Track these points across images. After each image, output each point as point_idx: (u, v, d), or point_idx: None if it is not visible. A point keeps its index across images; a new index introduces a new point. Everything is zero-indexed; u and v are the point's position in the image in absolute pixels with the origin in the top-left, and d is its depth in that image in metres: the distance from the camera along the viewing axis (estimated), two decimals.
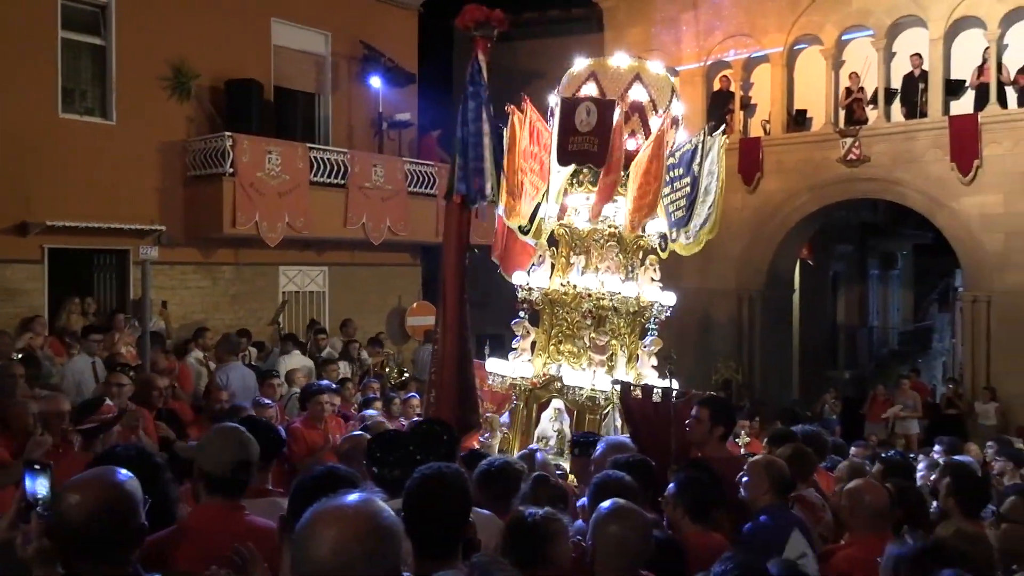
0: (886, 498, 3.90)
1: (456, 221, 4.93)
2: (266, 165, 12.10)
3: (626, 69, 6.22)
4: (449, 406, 4.58)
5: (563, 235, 6.26)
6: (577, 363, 5.97)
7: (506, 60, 20.47)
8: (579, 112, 5.66)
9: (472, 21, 4.85)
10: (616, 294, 5.90)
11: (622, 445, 4.60)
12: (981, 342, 14.46)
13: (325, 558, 1.67)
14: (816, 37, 15.91)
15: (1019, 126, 14.03)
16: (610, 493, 3.25)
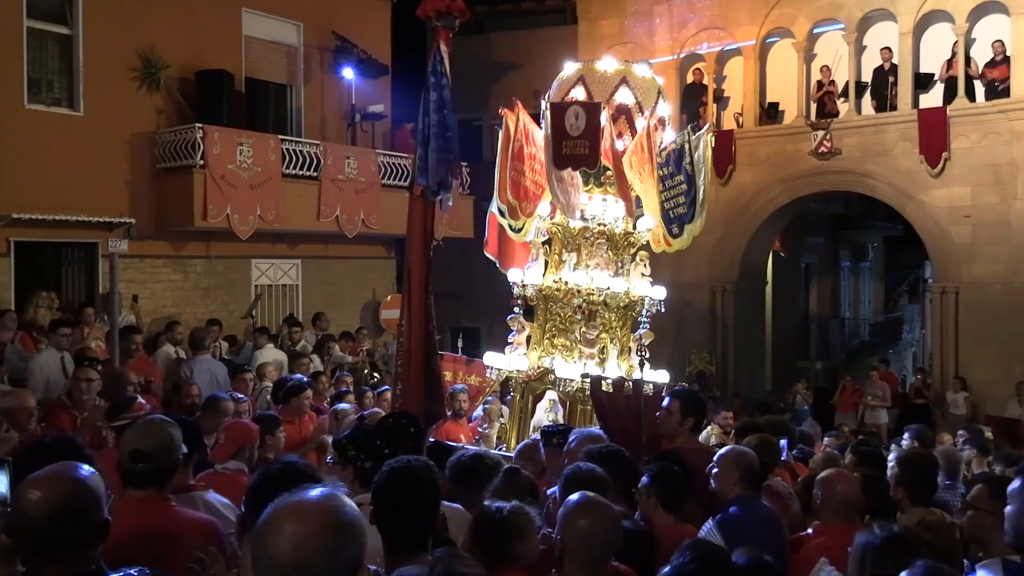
0: (857, 488, 3.94)
1: (420, 213, 4.92)
2: (237, 157, 11.97)
3: (613, 73, 6.42)
4: (416, 398, 4.59)
5: (556, 233, 6.44)
6: (570, 356, 6.17)
7: (480, 52, 20.43)
8: (568, 116, 5.82)
9: (433, 11, 4.83)
10: (605, 289, 6.09)
11: (596, 436, 4.62)
12: (949, 332, 14.68)
13: (285, 553, 1.65)
14: (788, 30, 16.01)
15: (986, 119, 14.23)
16: (580, 485, 3.25)
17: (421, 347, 4.70)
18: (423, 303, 4.84)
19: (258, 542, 1.70)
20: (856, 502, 3.91)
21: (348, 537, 1.71)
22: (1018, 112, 13.92)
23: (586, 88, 6.33)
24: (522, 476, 3.77)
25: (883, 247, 27.50)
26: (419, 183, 4.96)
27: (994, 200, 14.21)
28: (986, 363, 14.20)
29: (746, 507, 3.94)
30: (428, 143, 4.85)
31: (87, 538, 2.18)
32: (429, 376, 4.69)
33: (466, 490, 3.83)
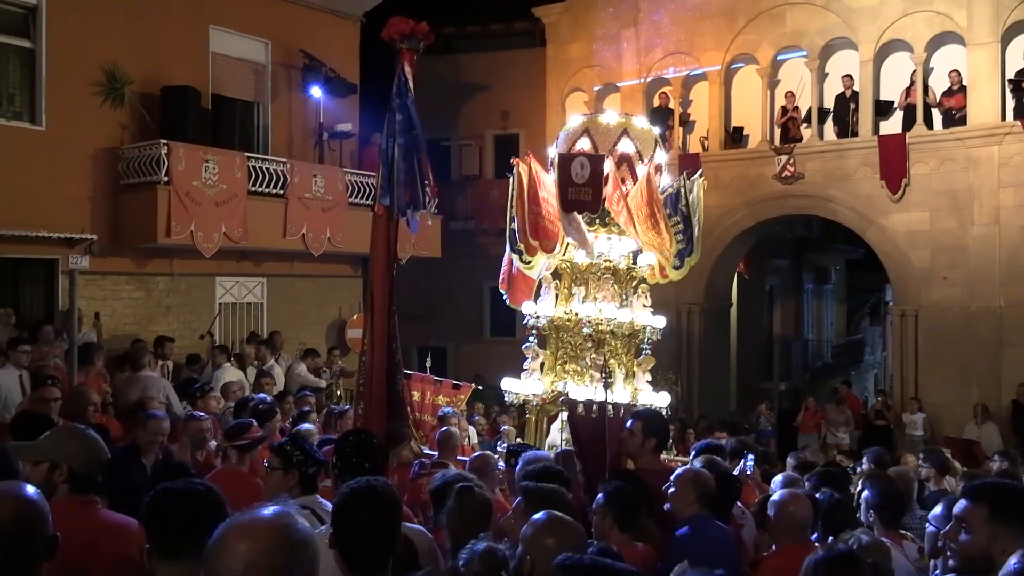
0: (809, 509, 3.98)
1: (383, 232, 4.92)
2: (203, 174, 11.86)
3: (615, 125, 7.07)
4: (378, 417, 4.56)
5: (565, 269, 7.10)
6: (581, 380, 6.71)
7: (448, 73, 20.52)
8: (574, 166, 6.47)
9: (397, 33, 4.86)
10: (612, 320, 6.72)
11: (538, 459, 4.70)
12: (909, 354, 14.92)
13: (238, 573, 1.64)
14: (752, 56, 16.30)
15: (944, 146, 14.57)
16: (543, 503, 3.26)
17: (383, 367, 4.68)
18: (386, 322, 4.83)
19: (210, 562, 1.69)
20: (807, 523, 3.95)
21: (301, 555, 1.71)
22: (974, 140, 14.28)
23: (591, 139, 6.95)
24: (475, 495, 3.75)
25: (845, 270, 27.95)
26: (383, 203, 4.95)
27: (952, 225, 14.53)
28: (944, 385, 14.45)
29: (699, 527, 3.98)
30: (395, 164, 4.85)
31: (33, 557, 2.15)
32: (392, 396, 4.67)
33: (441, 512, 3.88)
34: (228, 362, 10.85)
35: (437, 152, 20.90)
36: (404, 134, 4.84)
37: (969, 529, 2.65)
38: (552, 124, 18.45)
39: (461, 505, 3.65)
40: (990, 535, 2.59)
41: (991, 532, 2.60)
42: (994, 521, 2.61)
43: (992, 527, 2.60)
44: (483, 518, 3.68)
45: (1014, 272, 13.98)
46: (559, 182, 6.57)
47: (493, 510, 3.81)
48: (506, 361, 21.22)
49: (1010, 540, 2.50)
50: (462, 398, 7.92)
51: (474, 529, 3.52)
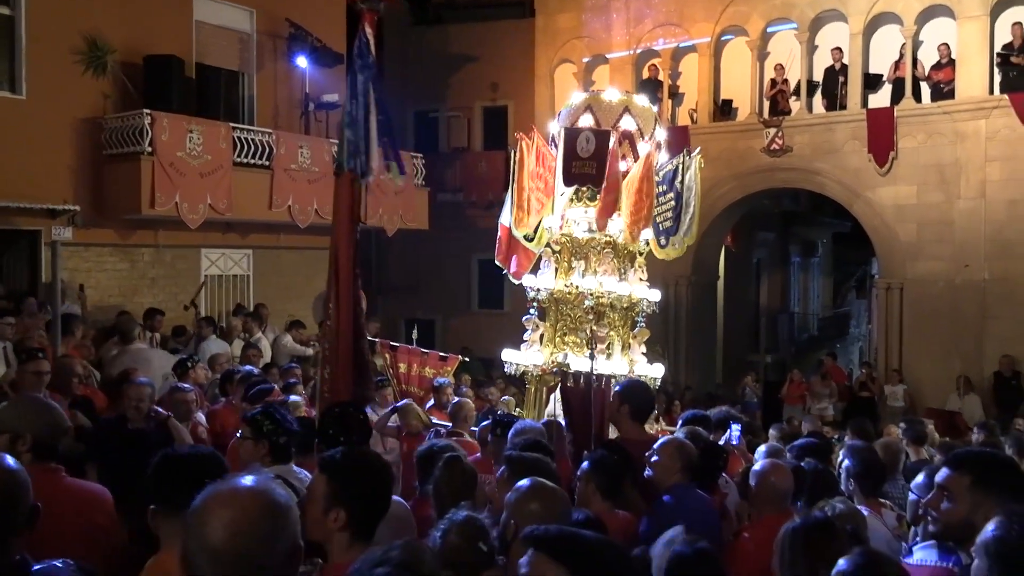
0: (790, 479, 4.02)
1: (347, 196, 4.90)
2: (187, 144, 11.75)
3: (617, 103, 7.20)
4: (344, 381, 4.58)
5: (564, 243, 7.19)
6: (580, 352, 6.79)
7: (437, 44, 20.33)
8: (580, 141, 6.63)
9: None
10: (612, 293, 6.89)
11: (527, 430, 4.74)
12: (894, 327, 15.03)
13: (222, 541, 1.65)
14: (742, 28, 16.21)
15: (932, 120, 14.57)
16: (527, 470, 3.29)
17: (349, 330, 4.68)
18: (351, 287, 4.82)
19: (192, 532, 1.68)
20: (787, 493, 3.99)
21: (285, 522, 1.72)
22: (962, 114, 14.28)
23: (594, 115, 7.10)
24: (463, 464, 3.78)
25: (832, 243, 28.05)
26: (348, 167, 4.91)
27: (938, 199, 14.57)
28: (928, 358, 14.58)
29: (680, 495, 4.02)
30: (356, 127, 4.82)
31: (16, 526, 2.16)
32: (358, 360, 4.68)
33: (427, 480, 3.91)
34: (214, 334, 10.82)
35: (425, 123, 20.79)
36: (364, 96, 4.79)
37: (951, 497, 2.69)
38: (541, 96, 18.35)
39: (449, 475, 3.67)
40: (972, 503, 2.63)
41: (973, 500, 2.63)
42: (976, 489, 2.65)
43: (975, 495, 2.64)
44: (469, 488, 3.70)
45: (999, 246, 14.06)
46: (564, 155, 6.67)
47: (479, 480, 3.84)
48: (494, 333, 21.32)
49: (992, 508, 2.53)
50: (449, 370, 7.94)
51: (461, 499, 3.54)
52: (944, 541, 2.80)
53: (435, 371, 7.56)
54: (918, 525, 3.76)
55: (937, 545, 2.83)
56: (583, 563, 1.99)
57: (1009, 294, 13.97)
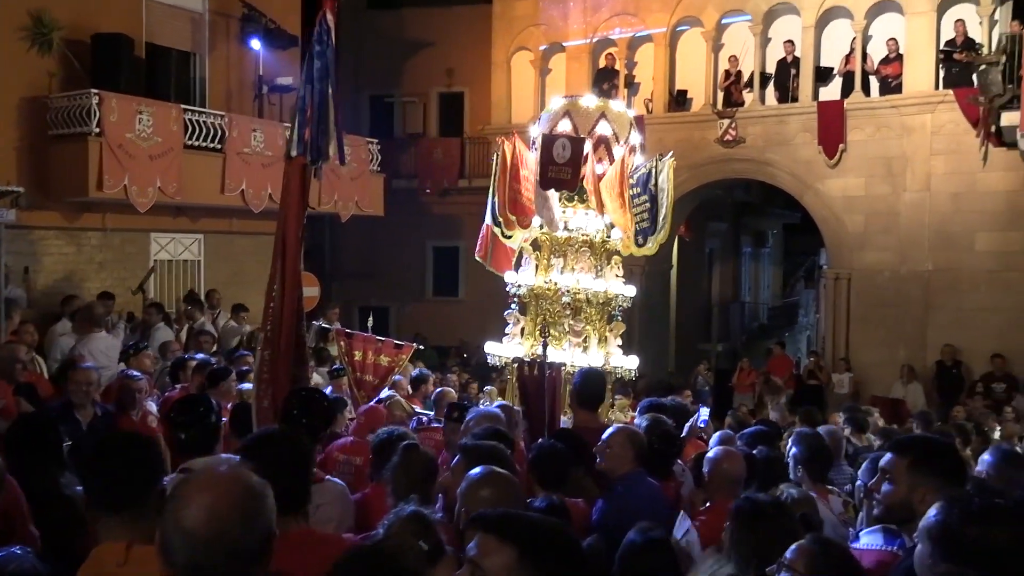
0: (742, 466, 4.11)
1: (297, 181, 4.91)
2: (136, 126, 11.49)
3: (594, 108, 7.60)
4: (285, 363, 4.62)
5: (544, 242, 7.57)
6: (558, 344, 7.21)
7: (392, 28, 20.15)
8: (556, 147, 7.01)
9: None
10: (588, 289, 7.29)
11: (492, 416, 4.75)
12: (841, 317, 15.37)
13: (202, 525, 1.66)
14: (697, 19, 16.35)
15: (880, 114, 14.88)
16: (481, 458, 3.30)
17: (293, 314, 4.72)
18: (296, 270, 4.87)
19: (170, 517, 1.70)
20: (740, 479, 4.08)
21: (262, 505, 1.74)
22: (909, 108, 14.62)
23: (572, 121, 7.47)
24: (420, 452, 3.78)
25: (782, 234, 28.51)
26: (300, 151, 4.91)
27: (885, 191, 14.91)
28: (874, 346, 14.95)
29: (631, 484, 4.07)
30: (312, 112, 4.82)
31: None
32: (298, 342, 4.78)
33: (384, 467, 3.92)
34: (162, 321, 10.63)
35: (381, 108, 20.61)
36: (322, 82, 4.79)
37: (891, 480, 2.80)
38: (498, 83, 18.31)
39: (406, 462, 3.66)
40: (910, 484, 2.74)
41: (911, 482, 2.74)
42: (914, 471, 2.76)
43: (912, 477, 2.75)
44: (428, 476, 3.70)
45: (942, 238, 14.45)
46: (541, 161, 7.05)
47: (438, 468, 3.84)
48: (448, 321, 21.34)
49: (929, 490, 2.65)
50: (403, 358, 7.91)
51: (419, 487, 3.54)
52: (887, 523, 2.90)
53: (390, 359, 7.53)
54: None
55: (882, 529, 2.93)
56: (530, 542, 2.00)
57: (951, 285, 14.38)
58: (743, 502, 3.10)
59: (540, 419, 5.27)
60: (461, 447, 3.72)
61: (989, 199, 14.09)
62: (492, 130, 18.46)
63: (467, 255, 20.16)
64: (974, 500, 2.18)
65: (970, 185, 14.21)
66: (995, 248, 14.07)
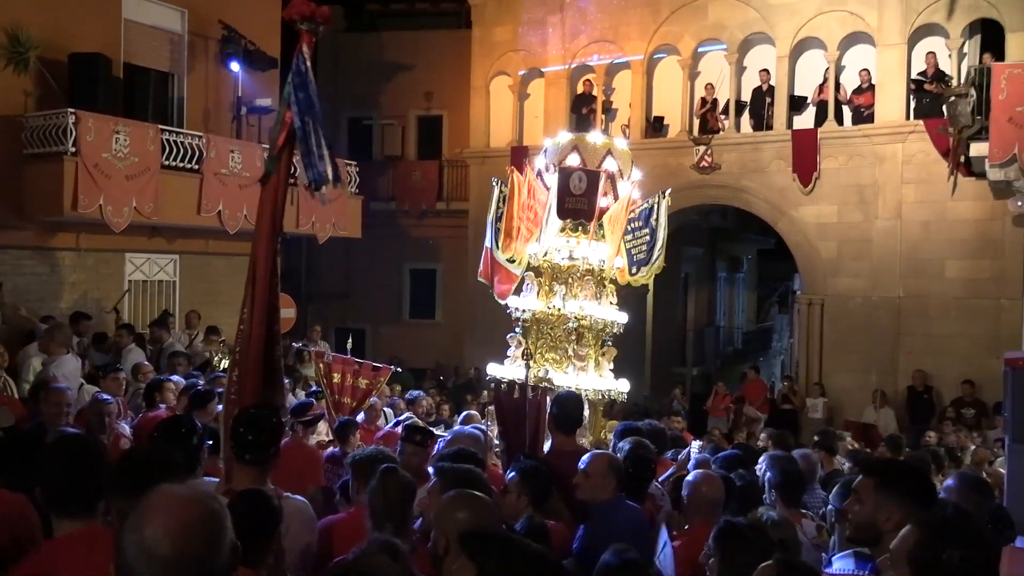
0: (721, 489, 4.15)
1: (270, 204, 4.96)
2: (113, 146, 11.43)
3: (600, 145, 8.01)
4: (253, 386, 4.62)
5: (546, 269, 7.88)
6: (559, 367, 7.61)
7: (372, 50, 20.25)
8: (573, 179, 7.47)
9: (298, 15, 4.86)
10: (592, 316, 7.68)
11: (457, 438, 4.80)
12: (815, 341, 15.53)
13: (168, 548, 1.66)
14: (674, 48, 16.59)
15: (852, 142, 15.14)
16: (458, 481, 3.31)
17: (262, 336, 4.73)
18: (267, 293, 4.87)
19: (132, 541, 1.68)
20: (719, 502, 4.11)
21: (225, 525, 1.75)
22: (881, 137, 14.89)
23: (580, 155, 7.84)
24: (398, 476, 3.76)
25: (757, 259, 28.79)
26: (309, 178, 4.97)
27: (858, 218, 15.14)
28: (847, 371, 15.11)
29: (612, 509, 4.09)
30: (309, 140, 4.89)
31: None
32: (269, 365, 4.73)
33: None
34: (133, 342, 10.51)
35: (359, 131, 20.65)
36: (310, 111, 4.86)
37: (859, 499, 2.88)
38: (477, 107, 18.43)
39: (383, 486, 3.65)
40: (876, 504, 2.82)
41: (876, 501, 2.82)
42: (879, 491, 2.84)
43: (878, 497, 2.83)
44: (406, 500, 3.68)
45: (913, 264, 14.67)
46: (558, 191, 7.48)
47: (415, 494, 3.82)
48: (425, 343, 21.29)
49: (893, 509, 2.72)
50: (382, 380, 7.90)
51: (396, 511, 3.52)
52: (856, 541, 2.96)
53: (368, 381, 7.52)
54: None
55: (854, 554, 2.98)
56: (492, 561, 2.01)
57: (922, 311, 14.59)
58: (725, 526, 3.13)
59: (518, 441, 5.28)
60: (438, 470, 3.72)
61: (958, 227, 14.34)
62: (470, 154, 18.57)
63: (444, 277, 20.19)
64: (947, 523, 2.24)
65: (940, 213, 14.47)
66: (964, 276, 14.31)
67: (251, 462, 3.58)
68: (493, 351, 8.25)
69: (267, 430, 3.66)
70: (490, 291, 8.13)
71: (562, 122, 17.45)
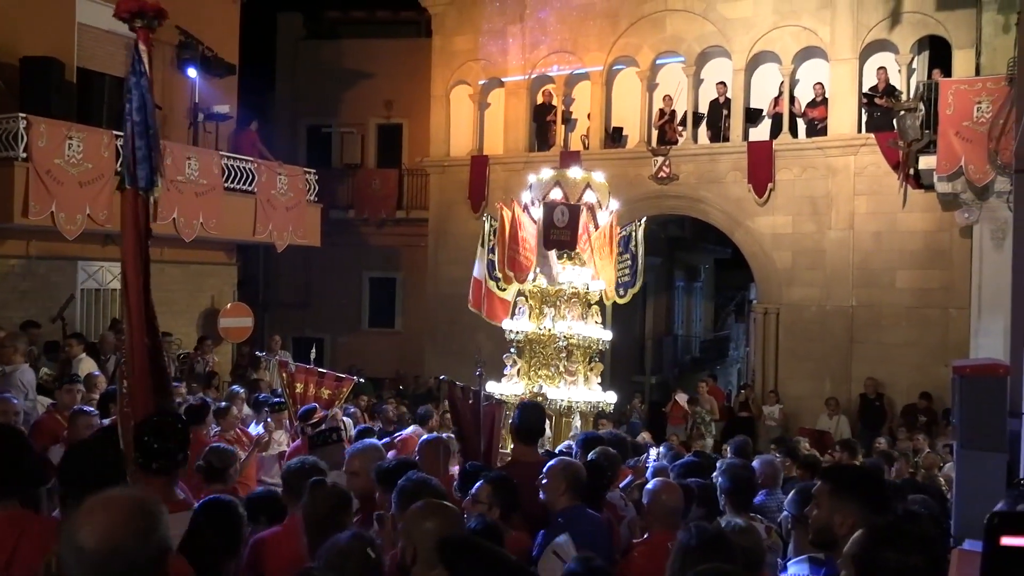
0: (680, 497, 4.20)
1: (131, 211, 4.96)
2: (66, 152, 11.22)
3: (580, 179, 8.99)
4: (143, 394, 4.64)
5: (535, 293, 8.79)
6: (552, 383, 8.53)
7: (331, 58, 20.16)
8: (556, 212, 8.43)
9: (127, 12, 4.85)
10: (580, 334, 8.59)
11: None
12: (770, 350, 15.76)
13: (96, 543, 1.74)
14: (633, 59, 16.77)
15: (806, 155, 15.43)
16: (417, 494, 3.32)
17: (143, 345, 4.73)
18: (141, 300, 4.86)
19: (65, 536, 1.78)
20: (678, 510, 4.16)
21: (156, 522, 1.83)
22: (834, 149, 15.19)
23: (562, 189, 8.78)
24: (327, 489, 3.70)
25: (714, 269, 29.12)
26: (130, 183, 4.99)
27: (811, 229, 15.42)
28: (802, 379, 15.35)
29: (571, 517, 4.10)
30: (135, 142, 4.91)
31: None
32: (156, 372, 4.76)
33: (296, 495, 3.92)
34: (84, 352, 10.30)
35: (318, 138, 20.52)
36: (140, 112, 4.86)
37: (817, 504, 2.95)
38: (437, 116, 18.43)
39: (313, 500, 3.61)
40: (831, 508, 2.89)
41: (831, 505, 2.90)
42: (834, 496, 2.92)
43: (832, 501, 2.90)
44: (339, 512, 3.61)
45: (865, 275, 14.98)
46: (543, 224, 8.39)
47: (351, 504, 3.78)
48: (384, 353, 21.16)
49: (847, 514, 2.80)
50: (344, 391, 7.86)
51: (329, 523, 3.49)
52: (816, 545, 3.02)
53: (330, 392, 7.47)
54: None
55: (808, 559, 3.04)
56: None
57: (874, 320, 14.89)
58: (687, 534, 3.17)
59: (475, 445, 5.32)
60: (398, 489, 3.65)
61: (908, 239, 14.68)
62: (430, 162, 18.55)
63: (404, 287, 20.11)
64: (890, 527, 2.30)
65: (891, 225, 14.80)
66: (914, 285, 14.65)
67: (159, 471, 3.48)
68: (453, 360, 8.43)
69: (173, 437, 3.60)
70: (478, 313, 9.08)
71: (522, 132, 17.54)
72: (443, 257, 18.15)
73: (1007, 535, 1.74)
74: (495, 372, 8.25)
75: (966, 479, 5.73)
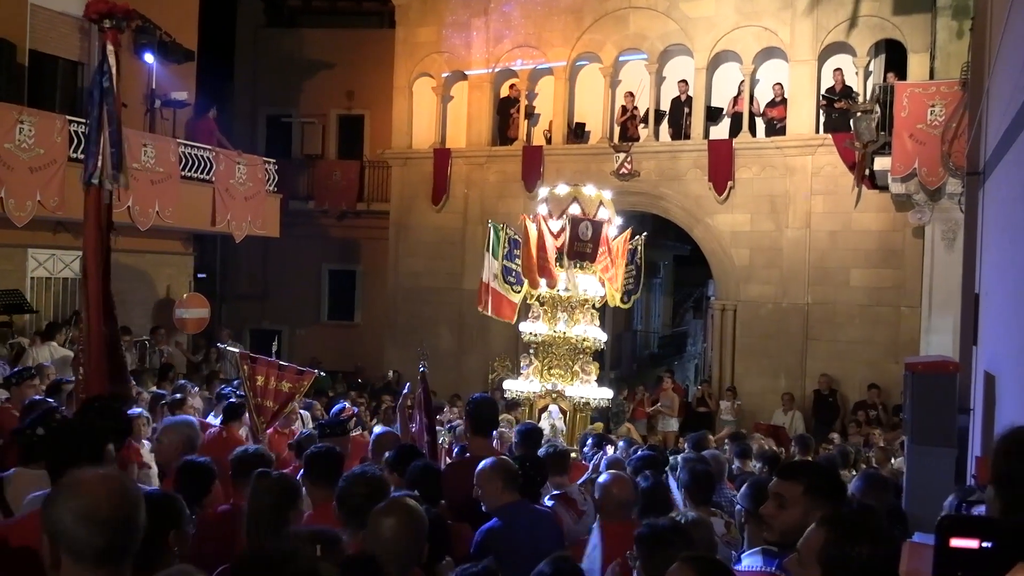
0: (631, 490, 4.25)
1: (93, 205, 4.99)
2: (16, 136, 10.94)
3: (594, 196, 10.21)
4: (99, 381, 4.75)
5: (548, 299, 9.95)
6: (566, 381, 9.81)
7: (292, 47, 19.93)
8: (581, 227, 9.76)
9: (96, 13, 4.89)
10: (591, 336, 9.95)
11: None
12: (728, 346, 15.96)
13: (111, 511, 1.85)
14: (596, 56, 16.83)
15: (765, 153, 15.63)
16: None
17: (99, 332, 4.77)
18: (100, 289, 4.90)
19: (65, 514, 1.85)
20: (629, 503, 4.20)
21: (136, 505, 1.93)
22: (792, 149, 15.41)
23: (580, 205, 9.94)
24: (270, 480, 3.66)
25: (673, 265, 29.39)
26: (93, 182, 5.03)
27: (769, 227, 15.63)
28: (758, 375, 15.58)
29: (510, 515, 4.08)
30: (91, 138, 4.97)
31: None
32: (113, 360, 4.87)
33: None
34: (43, 341, 10.09)
35: (278, 128, 20.27)
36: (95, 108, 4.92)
37: (785, 504, 2.93)
38: (399, 107, 18.32)
39: (257, 491, 3.59)
40: (804, 509, 2.87)
41: (805, 506, 2.88)
42: (808, 496, 2.90)
43: (806, 502, 2.89)
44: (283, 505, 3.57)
45: (820, 273, 15.23)
46: (569, 237, 9.60)
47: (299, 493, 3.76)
48: (343, 345, 21.03)
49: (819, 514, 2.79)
50: (306, 384, 7.76)
51: (274, 515, 3.46)
52: (781, 547, 3.04)
53: (291, 385, 7.37)
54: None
55: (762, 551, 3.08)
56: None
57: (828, 317, 15.16)
58: (645, 528, 3.19)
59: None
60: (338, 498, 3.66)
61: (862, 238, 14.96)
62: (392, 154, 18.44)
63: (364, 279, 19.98)
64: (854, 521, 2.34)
65: (846, 224, 15.07)
66: (867, 284, 14.93)
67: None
68: (413, 353, 8.48)
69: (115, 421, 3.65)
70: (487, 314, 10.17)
71: (485, 125, 17.51)
72: (404, 250, 18.07)
73: (956, 537, 1.84)
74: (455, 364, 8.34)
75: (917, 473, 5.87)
